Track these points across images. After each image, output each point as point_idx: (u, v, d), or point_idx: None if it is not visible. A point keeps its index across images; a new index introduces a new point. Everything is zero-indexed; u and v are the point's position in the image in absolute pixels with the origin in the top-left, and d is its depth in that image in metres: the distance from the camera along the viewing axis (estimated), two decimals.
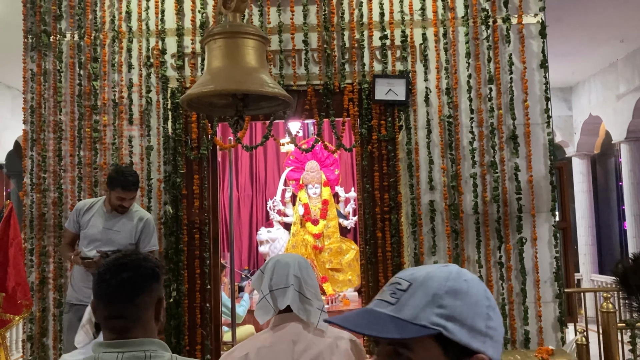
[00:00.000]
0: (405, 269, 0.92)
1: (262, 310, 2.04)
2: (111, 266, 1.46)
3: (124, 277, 1.44)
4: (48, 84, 4.28)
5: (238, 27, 1.84)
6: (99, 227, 3.59)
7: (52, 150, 4.24)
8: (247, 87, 1.78)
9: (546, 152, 4.22)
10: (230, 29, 1.83)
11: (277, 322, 2.03)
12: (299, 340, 1.98)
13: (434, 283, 0.85)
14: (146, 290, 1.47)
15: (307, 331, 2.00)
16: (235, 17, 1.85)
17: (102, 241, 3.55)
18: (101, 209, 3.64)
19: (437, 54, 4.26)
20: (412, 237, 4.15)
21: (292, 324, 2.01)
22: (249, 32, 1.85)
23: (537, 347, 3.95)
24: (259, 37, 1.87)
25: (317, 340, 1.99)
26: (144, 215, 3.68)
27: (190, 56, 4.28)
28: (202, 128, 4.23)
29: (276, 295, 2.01)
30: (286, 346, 1.96)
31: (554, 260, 4.15)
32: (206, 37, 1.85)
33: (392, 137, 4.21)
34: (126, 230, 3.60)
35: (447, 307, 0.84)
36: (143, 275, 1.47)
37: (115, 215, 3.62)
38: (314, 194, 7.32)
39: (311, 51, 4.26)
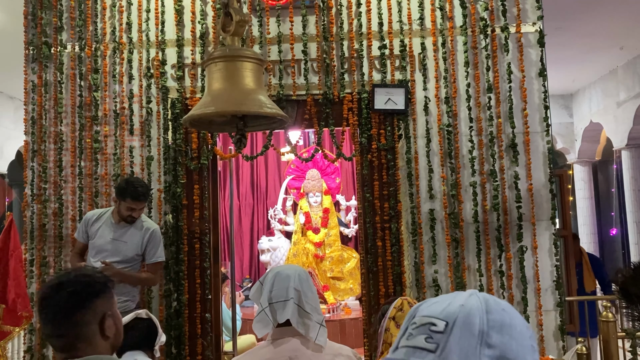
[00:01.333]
0: (426, 303, 0.77)
1: (261, 323, 2.02)
2: (50, 285, 1.48)
3: (61, 296, 1.45)
4: (49, 95, 4.31)
5: (237, 51, 1.91)
6: (106, 238, 3.59)
7: (52, 161, 4.26)
8: (248, 108, 1.84)
9: (545, 160, 4.23)
10: (230, 53, 1.89)
11: (276, 336, 2.02)
12: (297, 357, 1.96)
13: (475, 319, 0.72)
14: (85, 307, 1.47)
15: (306, 347, 1.97)
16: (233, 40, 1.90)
17: (109, 252, 3.55)
18: (109, 220, 3.64)
19: (436, 63, 4.28)
20: (412, 246, 4.15)
21: (291, 339, 1.99)
22: (247, 55, 1.92)
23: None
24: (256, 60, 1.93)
25: (315, 357, 1.97)
26: (151, 226, 3.68)
27: (190, 67, 4.31)
28: (202, 138, 4.24)
29: (275, 308, 1.99)
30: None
31: (555, 269, 4.14)
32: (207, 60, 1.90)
33: (391, 146, 4.22)
34: (133, 242, 3.60)
35: (497, 347, 0.71)
36: (81, 293, 1.47)
37: (123, 226, 3.62)
38: (315, 202, 7.33)
39: (310, 61, 4.28)
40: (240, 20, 2.05)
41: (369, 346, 4.13)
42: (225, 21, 2.10)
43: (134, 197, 3.50)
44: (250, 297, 2.17)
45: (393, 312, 1.98)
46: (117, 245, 3.57)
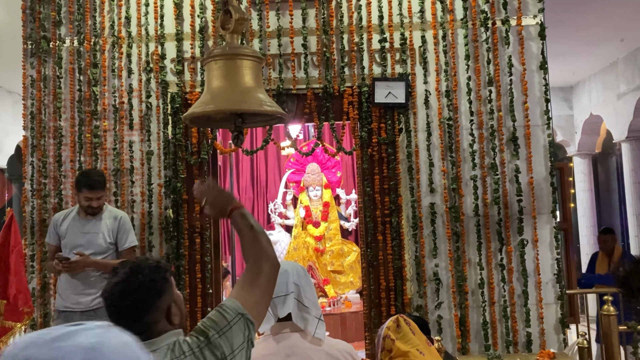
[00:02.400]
0: None
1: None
2: (115, 293, 1.52)
3: (128, 304, 1.50)
4: (48, 90, 4.29)
5: (236, 49, 1.91)
6: (77, 233, 3.65)
7: (52, 156, 4.24)
8: (247, 106, 1.84)
9: (546, 153, 4.22)
10: (229, 51, 1.88)
11: (275, 330, 2.03)
12: (293, 354, 1.97)
13: None
14: (152, 308, 1.52)
15: (305, 340, 1.99)
16: (233, 38, 1.90)
17: (84, 245, 3.61)
18: (76, 216, 3.70)
19: (436, 57, 4.26)
20: (412, 240, 4.14)
21: (290, 333, 2.00)
22: (246, 53, 1.92)
23: (539, 349, 3.95)
24: (256, 58, 1.94)
25: (312, 353, 1.97)
26: (118, 214, 3.74)
27: (190, 61, 4.29)
28: (202, 133, 4.23)
29: (276, 303, 2.00)
30: (280, 359, 1.96)
31: (555, 262, 4.14)
32: (206, 58, 1.90)
33: (392, 140, 4.21)
34: (104, 231, 3.66)
35: None
36: (146, 297, 1.52)
37: (90, 219, 3.67)
38: (315, 196, 7.33)
39: (310, 55, 4.27)
40: (240, 18, 2.05)
41: (370, 339, 4.13)
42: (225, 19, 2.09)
43: (89, 186, 3.56)
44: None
45: (390, 324, 2.01)
46: (89, 237, 3.63)
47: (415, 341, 1.97)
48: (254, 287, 1.60)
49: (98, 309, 3.47)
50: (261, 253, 1.66)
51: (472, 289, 4.11)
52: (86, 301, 3.54)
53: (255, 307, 1.57)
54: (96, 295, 3.50)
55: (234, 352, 1.50)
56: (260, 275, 1.63)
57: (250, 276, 1.63)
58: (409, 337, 1.98)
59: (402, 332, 1.98)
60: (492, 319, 4.07)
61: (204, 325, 1.53)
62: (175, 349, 1.47)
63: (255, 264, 1.64)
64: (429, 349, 1.99)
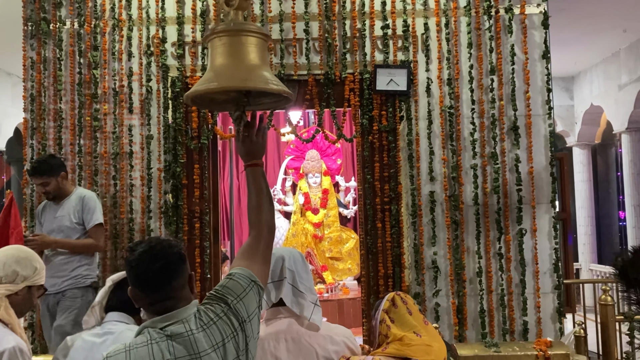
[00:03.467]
0: None
1: None
2: (143, 258, 1.59)
3: (158, 267, 1.57)
4: (48, 72, 4.26)
5: (241, 25, 1.84)
6: (51, 219, 3.76)
7: (52, 139, 4.23)
8: (252, 84, 1.79)
9: (547, 143, 4.21)
10: (234, 27, 1.83)
11: (270, 315, 2.03)
12: (290, 339, 1.97)
13: None
14: (178, 273, 1.60)
15: (301, 326, 1.99)
16: (237, 14, 1.85)
17: (55, 230, 3.70)
18: (51, 203, 3.80)
19: (439, 44, 4.24)
20: (412, 228, 4.15)
21: (285, 318, 2.01)
22: (251, 30, 1.85)
23: (535, 337, 3.97)
24: (261, 35, 1.88)
25: (309, 337, 1.98)
26: (83, 193, 3.79)
27: (191, 45, 4.26)
28: (202, 117, 4.21)
29: (270, 289, 2.01)
30: (277, 343, 1.96)
31: (554, 252, 4.16)
32: (210, 35, 1.85)
33: (393, 128, 4.20)
34: (69, 212, 3.72)
35: None
36: (173, 262, 1.60)
37: (60, 204, 3.76)
38: (314, 183, 7.32)
39: (312, 40, 4.24)
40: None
41: (367, 325, 4.16)
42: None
43: (30, 172, 3.71)
44: None
45: (386, 305, 2.02)
46: (58, 221, 3.73)
47: (412, 322, 1.98)
48: (257, 254, 1.72)
49: (66, 290, 3.61)
50: (265, 220, 1.78)
51: (470, 277, 4.13)
52: (57, 283, 3.62)
53: (260, 275, 1.68)
54: (65, 279, 3.64)
55: (250, 316, 1.61)
56: (260, 241, 1.74)
57: (253, 242, 1.74)
58: (405, 319, 1.99)
59: (398, 313, 1.99)
60: (489, 307, 4.10)
61: (219, 293, 1.62)
62: (202, 317, 1.56)
63: (259, 233, 1.76)
64: (426, 328, 1.99)
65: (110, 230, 4.17)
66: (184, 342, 1.52)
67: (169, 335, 1.53)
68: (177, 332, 1.53)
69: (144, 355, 1.50)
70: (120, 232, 4.18)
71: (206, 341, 1.54)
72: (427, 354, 1.90)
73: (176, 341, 1.52)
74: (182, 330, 1.53)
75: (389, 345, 1.94)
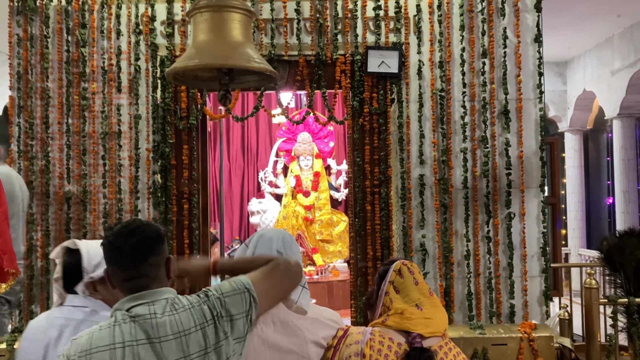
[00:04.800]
0: None
1: None
2: (120, 234, 1.58)
3: (135, 241, 1.56)
4: (35, 50, 4.20)
5: (224, 1, 1.82)
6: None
7: (39, 118, 4.18)
8: (234, 62, 1.77)
9: (537, 127, 4.21)
10: (217, 3, 1.80)
11: None
12: (279, 322, 1.97)
13: None
14: (156, 251, 1.60)
15: (289, 310, 1.98)
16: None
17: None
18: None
19: (431, 26, 4.20)
20: (401, 211, 4.16)
21: None
22: (235, 6, 1.82)
23: (521, 320, 4.01)
24: (245, 11, 1.85)
25: (297, 321, 1.98)
26: None
27: (180, 24, 4.21)
28: (191, 98, 4.18)
29: None
30: (265, 326, 1.95)
31: (542, 236, 4.18)
32: (192, 10, 1.82)
33: (383, 110, 4.18)
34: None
35: None
36: (150, 238, 1.60)
37: None
38: (305, 165, 7.32)
39: (303, 20, 4.20)
40: None
41: (355, 307, 4.18)
42: None
43: None
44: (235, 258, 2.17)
45: (393, 276, 2.01)
46: None
47: (416, 295, 1.98)
48: (269, 277, 1.71)
49: None
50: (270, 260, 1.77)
51: (458, 260, 4.15)
52: None
53: (263, 293, 1.66)
54: None
55: (230, 316, 1.58)
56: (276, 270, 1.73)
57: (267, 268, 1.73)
58: (409, 290, 1.98)
59: (404, 284, 1.99)
60: (476, 290, 4.12)
61: (208, 288, 1.63)
62: (175, 303, 1.56)
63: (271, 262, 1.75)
64: (430, 300, 2.00)
65: (99, 210, 4.15)
66: (145, 324, 1.50)
67: (133, 317, 1.51)
68: (140, 313, 1.52)
69: (105, 336, 1.49)
70: (109, 212, 4.16)
71: (170, 327, 1.51)
72: (427, 326, 1.91)
73: (138, 323, 1.50)
74: (146, 312, 1.52)
75: (389, 318, 1.95)
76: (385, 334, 1.90)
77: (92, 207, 4.15)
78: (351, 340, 1.92)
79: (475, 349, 3.24)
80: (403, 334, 1.90)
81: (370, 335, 1.90)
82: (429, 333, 1.90)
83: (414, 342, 1.86)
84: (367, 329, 1.95)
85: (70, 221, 4.14)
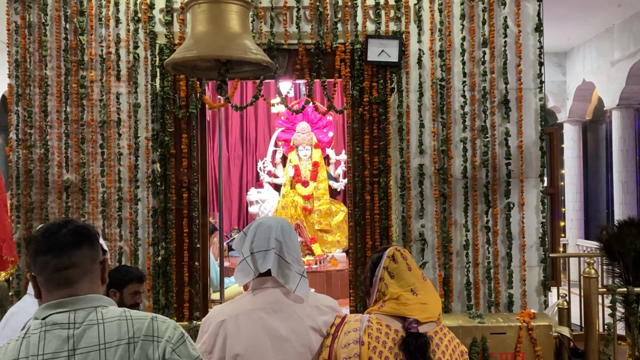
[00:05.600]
0: None
1: (242, 272, 2.03)
2: (55, 223, 1.50)
3: (68, 230, 1.46)
4: (33, 38, 4.17)
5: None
6: None
7: (37, 106, 4.16)
8: (230, 53, 1.77)
9: (537, 117, 4.21)
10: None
11: (256, 285, 2.03)
12: (279, 309, 1.97)
13: None
14: (90, 242, 1.49)
15: (288, 298, 1.99)
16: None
17: None
18: None
19: (431, 15, 4.18)
20: (400, 201, 4.16)
21: (271, 289, 2.00)
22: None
23: (519, 310, 4.03)
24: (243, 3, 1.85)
25: (297, 308, 1.98)
26: None
27: (179, 12, 4.18)
28: (190, 86, 4.16)
29: (256, 258, 2.00)
30: (265, 314, 1.96)
31: (540, 226, 4.19)
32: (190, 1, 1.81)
33: (383, 100, 4.17)
34: None
35: None
36: (83, 230, 1.50)
37: None
38: (304, 155, 7.30)
39: (303, 9, 4.17)
40: None
41: (355, 296, 4.19)
42: None
43: None
44: (234, 246, 2.18)
45: (387, 262, 2.02)
46: None
47: (411, 279, 2.00)
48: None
49: None
50: None
51: (456, 250, 4.16)
52: None
53: None
54: None
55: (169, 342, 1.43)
56: None
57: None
58: (404, 275, 2.00)
59: (398, 269, 2.01)
60: (475, 279, 4.13)
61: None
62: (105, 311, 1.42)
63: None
64: (424, 285, 2.02)
65: (98, 199, 4.14)
66: (60, 335, 1.36)
67: (47, 326, 1.37)
68: (57, 322, 1.38)
69: (10, 352, 1.35)
70: (108, 201, 4.15)
71: (90, 338, 1.37)
72: (422, 312, 1.93)
73: (51, 333, 1.36)
74: (65, 320, 1.38)
75: (385, 304, 1.97)
76: (382, 320, 1.91)
77: (91, 195, 4.14)
78: (349, 327, 1.93)
79: (474, 337, 3.25)
80: (399, 320, 1.92)
81: (367, 322, 1.91)
82: (424, 318, 1.92)
83: (410, 328, 1.88)
84: (364, 316, 1.96)
85: (69, 210, 4.13)
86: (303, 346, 1.96)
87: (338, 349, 1.90)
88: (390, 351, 1.85)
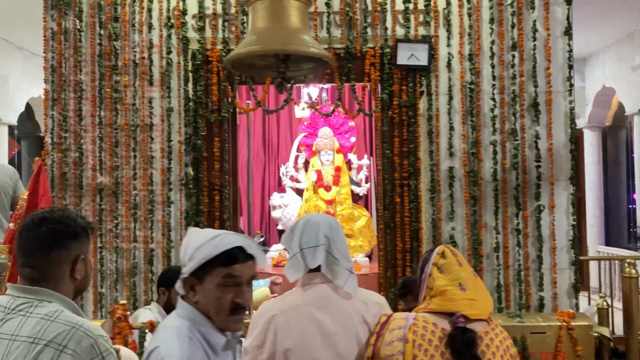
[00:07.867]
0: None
1: (293, 268, 2.06)
2: (33, 218, 1.53)
3: (42, 231, 1.50)
4: (68, 44, 4.26)
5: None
6: None
7: (72, 110, 4.24)
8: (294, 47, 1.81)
9: (567, 120, 4.22)
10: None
11: (306, 280, 2.06)
12: (328, 304, 1.99)
13: None
14: (62, 247, 1.52)
15: (336, 292, 2.01)
16: None
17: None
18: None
19: (460, 19, 4.22)
20: (430, 203, 4.17)
21: (321, 284, 2.03)
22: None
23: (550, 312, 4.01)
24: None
25: (345, 304, 2.00)
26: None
27: (212, 17, 4.25)
28: (222, 91, 4.22)
29: (306, 254, 2.03)
30: (314, 309, 1.99)
31: (571, 228, 4.18)
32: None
33: (413, 103, 4.20)
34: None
35: None
36: (61, 232, 1.52)
37: None
38: (326, 160, 7.34)
39: (333, 14, 4.22)
40: None
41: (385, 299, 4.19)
42: None
43: None
44: (282, 243, 2.21)
45: (436, 259, 2.01)
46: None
47: (460, 274, 1.95)
48: None
49: None
50: None
51: (487, 252, 4.16)
52: None
53: None
54: None
55: None
56: None
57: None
58: (453, 269, 1.96)
59: (448, 264, 1.97)
60: (506, 282, 4.13)
61: None
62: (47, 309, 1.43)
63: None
64: (474, 281, 1.98)
65: (131, 201, 4.20)
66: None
67: None
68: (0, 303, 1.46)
69: None
70: (140, 204, 4.21)
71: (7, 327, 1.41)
72: (471, 308, 1.88)
73: None
74: (3, 304, 1.46)
75: (432, 301, 1.94)
76: (428, 319, 1.88)
77: (124, 198, 4.20)
78: (394, 325, 1.92)
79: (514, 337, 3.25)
80: (447, 318, 1.87)
81: (413, 320, 1.89)
82: (474, 315, 1.87)
83: (457, 322, 1.83)
84: (410, 314, 1.94)
85: (103, 212, 4.20)
86: (351, 340, 1.98)
87: (382, 346, 1.90)
88: (437, 349, 1.81)
